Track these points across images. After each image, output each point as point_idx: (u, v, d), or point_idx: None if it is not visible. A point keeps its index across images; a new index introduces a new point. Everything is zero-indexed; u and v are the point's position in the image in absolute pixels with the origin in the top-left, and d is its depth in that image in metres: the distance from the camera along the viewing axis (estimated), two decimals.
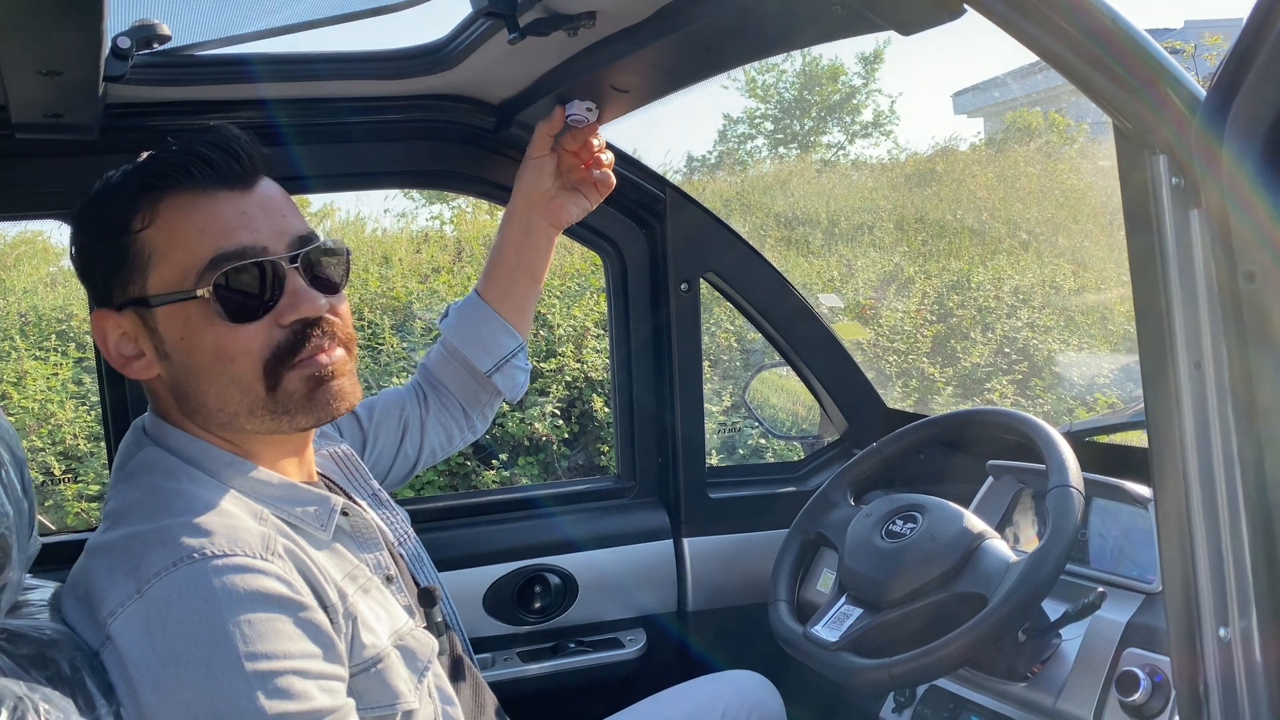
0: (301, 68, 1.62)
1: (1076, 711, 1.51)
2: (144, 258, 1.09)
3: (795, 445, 2.44)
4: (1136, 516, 1.64)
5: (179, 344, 1.10)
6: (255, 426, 1.13)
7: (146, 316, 1.10)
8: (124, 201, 1.09)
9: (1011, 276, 8.60)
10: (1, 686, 0.90)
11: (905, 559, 1.54)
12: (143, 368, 1.13)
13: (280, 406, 1.12)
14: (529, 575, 1.98)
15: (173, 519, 1.04)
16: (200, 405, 1.12)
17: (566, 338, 6.28)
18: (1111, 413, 2.87)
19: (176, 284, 1.08)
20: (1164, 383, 1.07)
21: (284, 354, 1.10)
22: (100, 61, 1.25)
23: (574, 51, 1.48)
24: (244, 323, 1.09)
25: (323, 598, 1.07)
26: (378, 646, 1.13)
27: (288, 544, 1.08)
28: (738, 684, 1.76)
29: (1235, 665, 1.06)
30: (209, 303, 1.08)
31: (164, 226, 1.08)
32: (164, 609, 0.98)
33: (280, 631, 1.00)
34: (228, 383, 1.10)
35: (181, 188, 1.09)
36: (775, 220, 11.16)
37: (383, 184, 2.01)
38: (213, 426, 1.14)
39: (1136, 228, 1.07)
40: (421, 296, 6.85)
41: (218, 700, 0.96)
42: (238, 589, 0.99)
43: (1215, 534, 1.06)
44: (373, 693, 1.11)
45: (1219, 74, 0.95)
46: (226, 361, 1.09)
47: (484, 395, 1.70)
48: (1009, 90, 19.59)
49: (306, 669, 1.01)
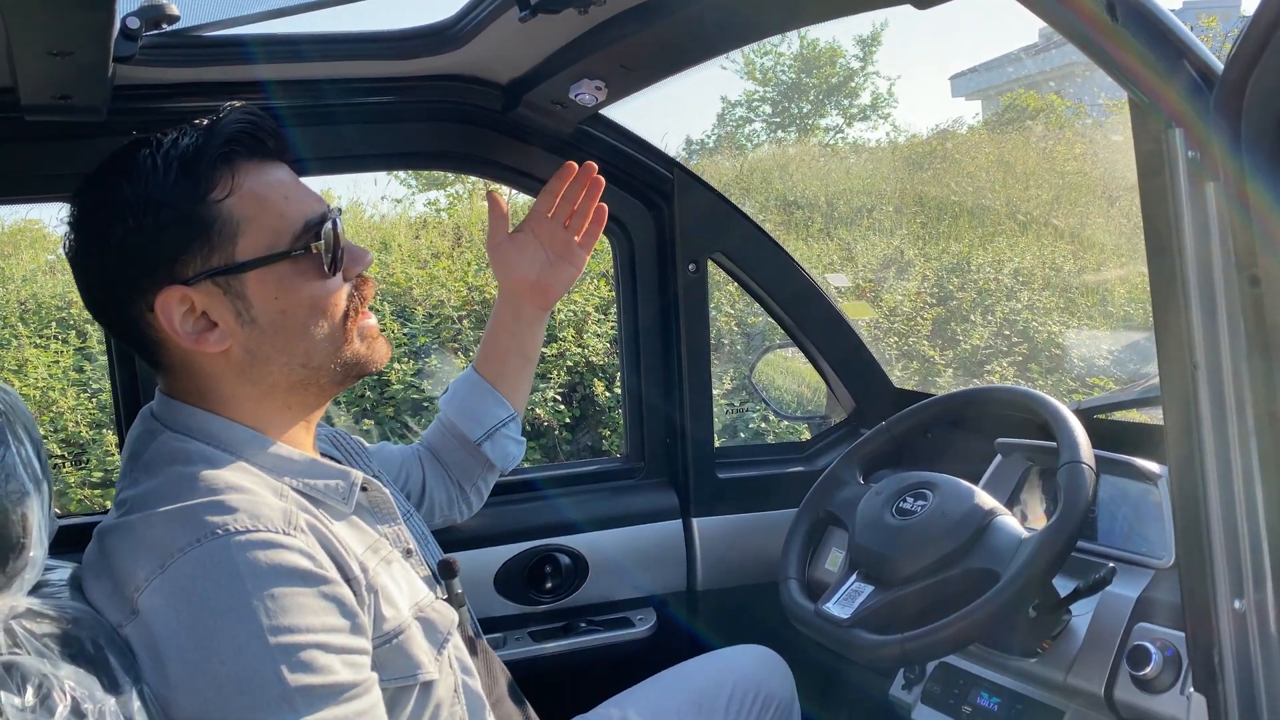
0: (309, 48, 1.61)
1: (1087, 686, 1.52)
2: (232, 225, 1.10)
3: (799, 426, 2.44)
4: (1146, 492, 1.65)
5: (271, 304, 1.13)
6: (329, 378, 1.19)
7: (233, 283, 1.11)
8: (202, 173, 1.10)
9: (1011, 259, 8.60)
10: (26, 664, 0.90)
11: (916, 536, 1.55)
12: (217, 340, 1.12)
13: (354, 356, 1.20)
14: (540, 555, 1.98)
15: (194, 499, 1.04)
16: (281, 364, 1.15)
17: (567, 322, 6.28)
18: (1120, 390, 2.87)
19: (269, 247, 1.12)
20: (1179, 355, 1.07)
21: (355, 307, 1.20)
22: (110, 42, 1.24)
23: (584, 29, 1.48)
24: (334, 275, 1.17)
25: (345, 571, 1.08)
26: (399, 619, 1.14)
27: (309, 518, 1.09)
28: (748, 658, 1.77)
29: (1250, 637, 1.07)
30: (300, 261, 1.14)
31: (248, 194, 1.12)
32: (188, 584, 0.99)
33: (304, 605, 1.01)
34: (320, 336, 1.16)
35: (250, 158, 1.14)
36: (774, 204, 11.14)
37: (389, 165, 2.01)
38: (276, 391, 1.16)
39: (1152, 202, 1.07)
40: (421, 282, 6.84)
41: (243, 673, 0.97)
42: (261, 563, 1.00)
43: (1230, 506, 1.06)
44: (393, 663, 1.12)
45: (1238, 46, 0.94)
46: (321, 314, 1.16)
47: (476, 468, 1.71)
48: (1007, 72, 19.54)
49: (330, 643, 1.02)
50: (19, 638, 0.94)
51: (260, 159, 1.15)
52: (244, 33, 1.55)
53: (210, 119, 1.13)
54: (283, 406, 1.18)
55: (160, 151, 1.10)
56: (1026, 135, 13.44)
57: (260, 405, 1.17)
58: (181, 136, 1.12)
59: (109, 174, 1.12)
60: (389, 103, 1.79)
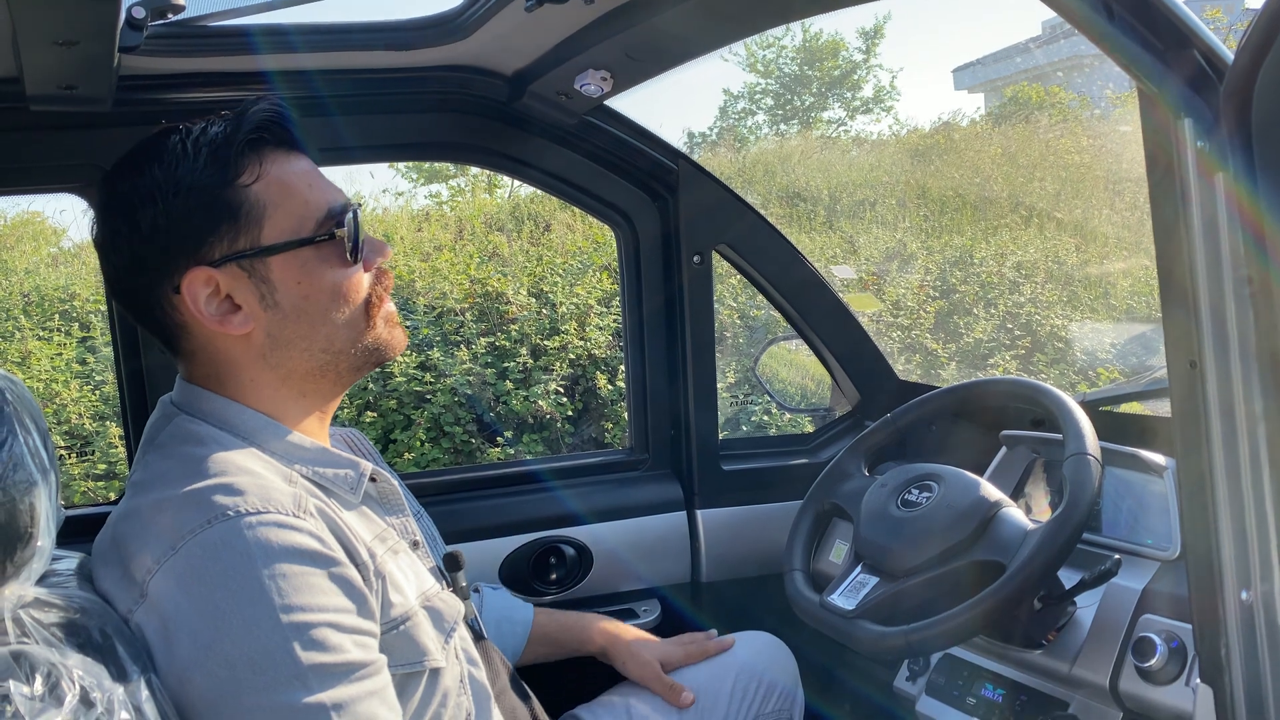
0: (314, 38, 1.61)
1: (1092, 677, 1.52)
2: (259, 209, 1.13)
3: (803, 419, 2.44)
4: (1152, 484, 1.65)
5: (294, 289, 1.15)
6: (348, 364, 1.21)
7: (258, 266, 1.14)
8: (230, 158, 1.13)
9: (1014, 251, 8.58)
10: (34, 654, 0.91)
11: (921, 528, 1.55)
12: (241, 322, 1.14)
13: (374, 342, 1.22)
14: (544, 547, 1.98)
15: (204, 481, 1.05)
16: (302, 350, 1.17)
17: (569, 315, 6.28)
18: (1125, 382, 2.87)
19: (293, 233, 1.15)
20: (1187, 346, 1.06)
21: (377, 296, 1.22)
22: (116, 31, 1.24)
23: (590, 19, 1.47)
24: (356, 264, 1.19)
25: (354, 556, 1.09)
26: (406, 605, 1.14)
27: (318, 504, 1.10)
28: (751, 644, 1.77)
29: (1257, 628, 1.07)
30: (323, 248, 1.16)
31: (274, 181, 1.15)
32: (199, 565, 0.99)
33: (314, 586, 1.01)
34: (342, 322, 1.18)
35: (277, 147, 1.17)
36: (777, 196, 11.12)
37: (393, 156, 2.01)
38: (294, 377, 1.18)
39: (1161, 192, 1.07)
40: (424, 275, 6.84)
41: (255, 652, 0.97)
42: (272, 544, 1.00)
43: (1238, 497, 1.06)
44: (401, 650, 1.12)
45: (1248, 35, 0.94)
46: (343, 301, 1.18)
47: None
48: (1015, 63, 19.49)
49: (341, 623, 1.02)
50: (27, 627, 0.94)
51: (287, 149, 1.18)
52: (249, 23, 1.55)
53: (240, 109, 1.16)
54: (298, 394, 1.20)
55: (190, 138, 1.14)
56: (1031, 127, 13.41)
57: (277, 392, 1.18)
58: (211, 125, 1.15)
59: (139, 159, 1.14)
60: (394, 93, 1.79)
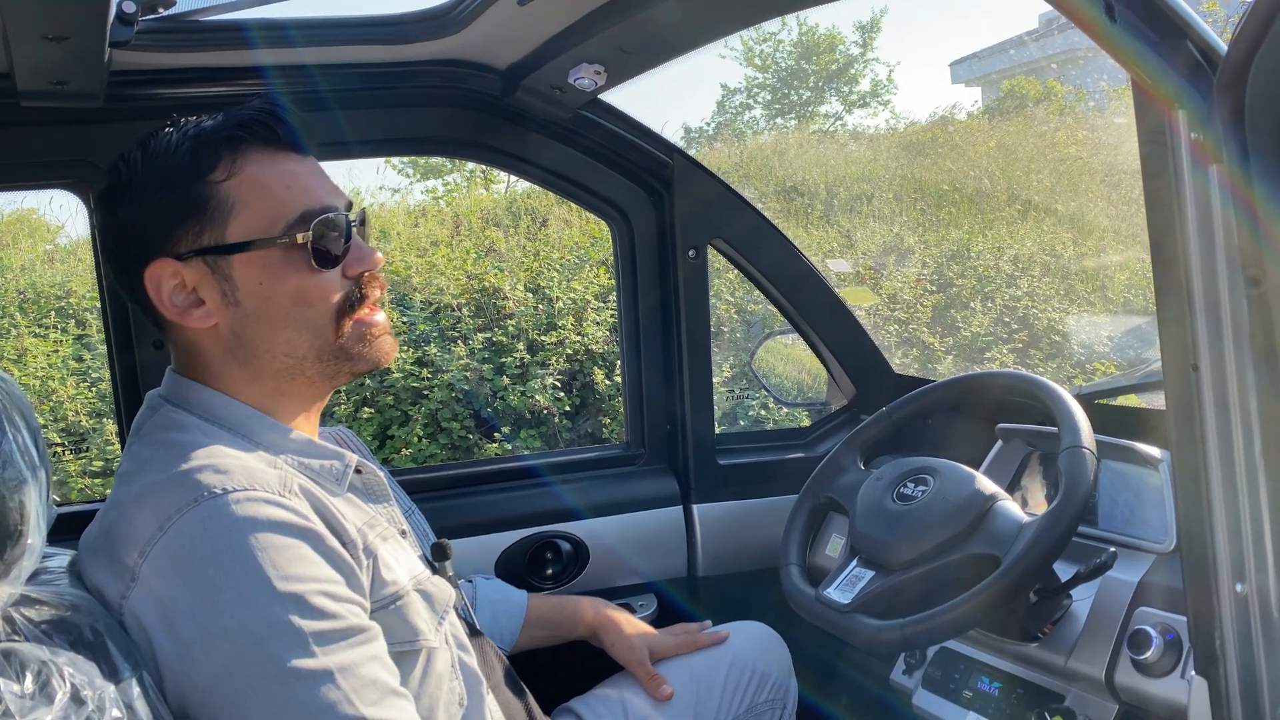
0: (306, 33, 1.60)
1: (1088, 670, 1.52)
2: (226, 207, 1.13)
3: (799, 413, 2.44)
4: (1147, 477, 1.65)
5: (255, 290, 1.14)
6: (317, 371, 1.19)
7: (220, 264, 1.13)
8: (205, 153, 1.13)
9: (1011, 245, 8.58)
10: (25, 652, 0.90)
11: (917, 521, 1.55)
12: (202, 316, 1.15)
13: (344, 352, 1.19)
14: (540, 542, 1.98)
15: (188, 464, 1.05)
16: (264, 350, 1.16)
17: (567, 310, 6.28)
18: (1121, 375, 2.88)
19: (261, 232, 1.13)
20: (1181, 337, 1.06)
21: (351, 304, 1.19)
22: (106, 26, 1.24)
23: (584, 13, 1.47)
24: (325, 269, 1.16)
25: (341, 534, 1.09)
26: (399, 585, 1.15)
27: (303, 484, 1.11)
28: (745, 634, 1.78)
29: (1252, 620, 1.07)
30: (292, 250, 1.14)
31: (248, 179, 1.14)
32: (189, 542, 1.00)
33: (304, 557, 1.02)
34: (303, 326, 1.16)
35: (261, 145, 1.15)
36: (774, 191, 11.11)
37: (387, 151, 2.01)
38: (264, 376, 1.18)
39: (1154, 183, 1.06)
40: (420, 270, 6.83)
41: (254, 623, 0.97)
42: (259, 519, 1.01)
43: (1232, 489, 1.06)
44: (394, 629, 1.12)
45: (1241, 25, 0.94)
46: (305, 306, 1.16)
47: None
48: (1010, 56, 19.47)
49: (334, 592, 1.03)
50: (17, 625, 0.94)
51: (274, 148, 1.17)
52: (241, 17, 1.54)
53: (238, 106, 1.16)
54: (274, 392, 1.20)
55: (181, 131, 1.15)
56: (1027, 121, 13.40)
57: (252, 387, 1.18)
58: (204, 120, 1.16)
59: (134, 150, 1.16)
60: (387, 88, 1.78)
